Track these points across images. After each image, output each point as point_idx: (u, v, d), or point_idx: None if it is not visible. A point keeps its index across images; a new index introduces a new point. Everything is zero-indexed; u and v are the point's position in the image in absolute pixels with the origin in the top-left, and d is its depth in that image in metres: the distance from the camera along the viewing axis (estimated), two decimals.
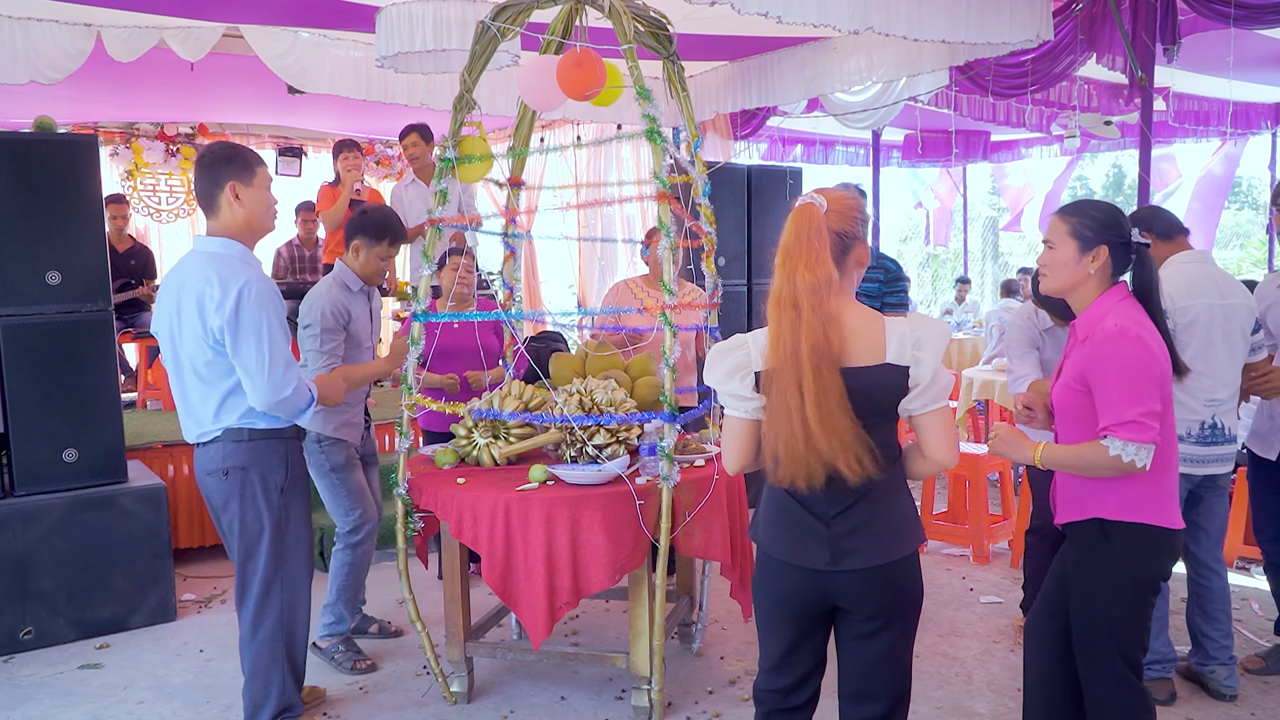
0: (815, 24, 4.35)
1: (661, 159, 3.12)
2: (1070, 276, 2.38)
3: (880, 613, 2.07)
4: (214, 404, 2.78)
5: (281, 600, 2.88)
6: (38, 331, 4.01)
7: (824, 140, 10.41)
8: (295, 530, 2.90)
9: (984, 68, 6.11)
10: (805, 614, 2.12)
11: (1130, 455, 2.19)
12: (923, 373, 1.99)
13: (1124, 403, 2.20)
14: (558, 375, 3.71)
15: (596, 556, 2.99)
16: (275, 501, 2.83)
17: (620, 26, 3.11)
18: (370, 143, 9.90)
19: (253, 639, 2.89)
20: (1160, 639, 3.37)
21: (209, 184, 2.79)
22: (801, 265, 1.94)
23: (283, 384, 2.71)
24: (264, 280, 2.77)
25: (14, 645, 3.97)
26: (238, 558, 2.86)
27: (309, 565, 2.99)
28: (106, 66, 5.43)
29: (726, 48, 6.68)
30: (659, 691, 3.19)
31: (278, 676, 2.90)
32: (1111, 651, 2.33)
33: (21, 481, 4.03)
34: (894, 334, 2.00)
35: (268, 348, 2.69)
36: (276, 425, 2.84)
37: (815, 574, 2.05)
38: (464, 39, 4.54)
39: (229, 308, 2.65)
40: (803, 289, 1.93)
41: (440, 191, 3.42)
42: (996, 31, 4.94)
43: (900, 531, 2.06)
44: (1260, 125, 9.08)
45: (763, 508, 2.17)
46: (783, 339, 1.94)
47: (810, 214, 1.98)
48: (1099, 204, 2.43)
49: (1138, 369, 2.21)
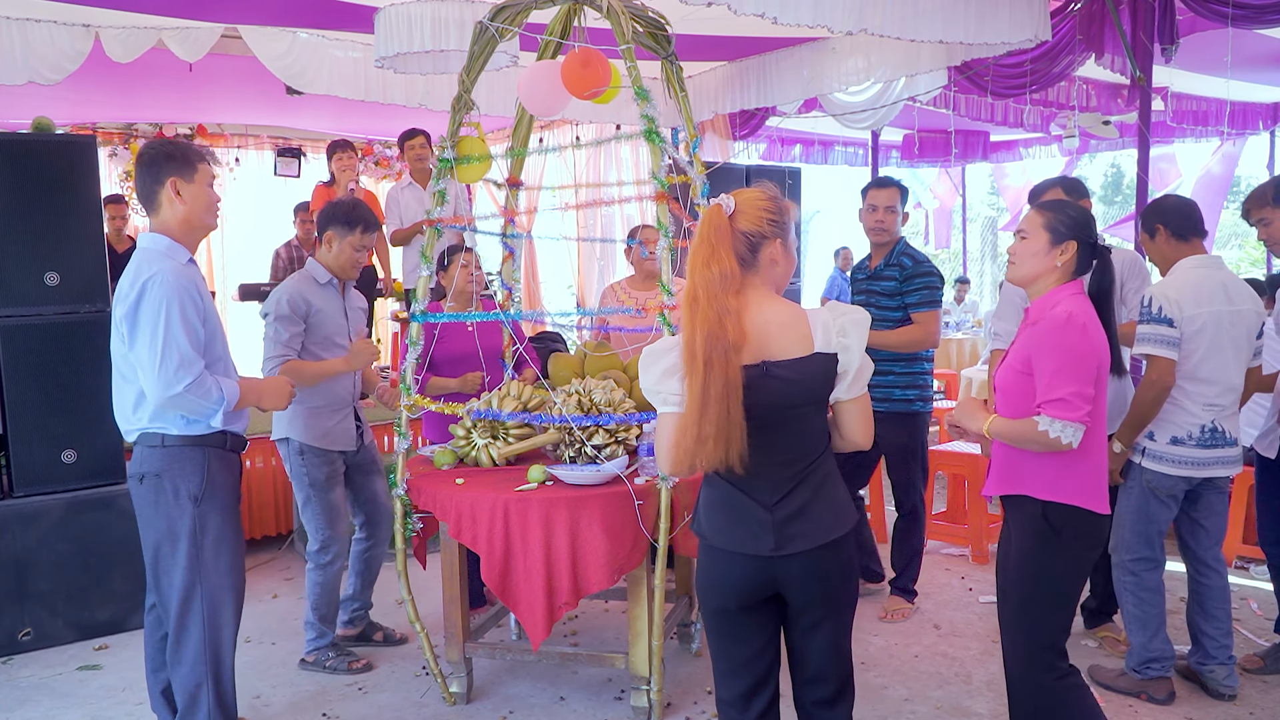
0: (810, 25, 4.34)
1: (660, 159, 3.13)
2: (1038, 266, 2.52)
3: (821, 598, 2.12)
4: (130, 401, 2.70)
5: (203, 619, 2.72)
6: (36, 332, 4.01)
7: (823, 140, 10.41)
8: (214, 543, 2.73)
9: (983, 68, 6.11)
10: (750, 603, 2.15)
11: (1057, 432, 2.32)
12: (850, 359, 2.07)
13: (1056, 382, 2.34)
14: (556, 376, 3.71)
15: (595, 557, 2.99)
16: (189, 511, 2.68)
17: (619, 27, 3.11)
18: (369, 143, 9.89)
19: (175, 661, 2.76)
20: (1159, 638, 3.36)
21: (150, 180, 2.72)
22: (699, 262, 2.01)
23: (174, 380, 2.56)
24: (178, 273, 2.64)
25: (13, 646, 3.97)
26: (148, 570, 2.75)
27: (234, 583, 2.80)
28: (105, 67, 5.43)
29: (725, 48, 6.68)
30: (658, 692, 3.19)
31: (206, 702, 2.74)
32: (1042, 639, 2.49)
33: (20, 482, 4.03)
34: (818, 323, 2.07)
35: (161, 340, 2.55)
36: (195, 431, 2.69)
37: (760, 560, 2.09)
38: (462, 40, 4.54)
39: (131, 298, 2.58)
40: (700, 284, 1.99)
41: (439, 192, 3.42)
42: (994, 32, 4.93)
43: (836, 513, 2.12)
44: (1258, 125, 9.09)
45: (703, 499, 2.20)
46: (687, 332, 1.99)
47: (713, 215, 2.05)
48: (1074, 205, 2.61)
49: (1074, 353, 2.36)
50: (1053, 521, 2.44)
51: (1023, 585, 2.51)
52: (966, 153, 10.54)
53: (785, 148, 10.13)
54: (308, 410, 3.57)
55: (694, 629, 3.86)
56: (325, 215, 3.64)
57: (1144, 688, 3.37)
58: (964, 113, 7.76)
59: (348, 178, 6.31)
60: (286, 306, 3.48)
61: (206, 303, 2.73)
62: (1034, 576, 2.48)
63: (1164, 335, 3.17)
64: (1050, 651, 2.49)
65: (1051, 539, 2.45)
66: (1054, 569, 2.47)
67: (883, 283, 4.07)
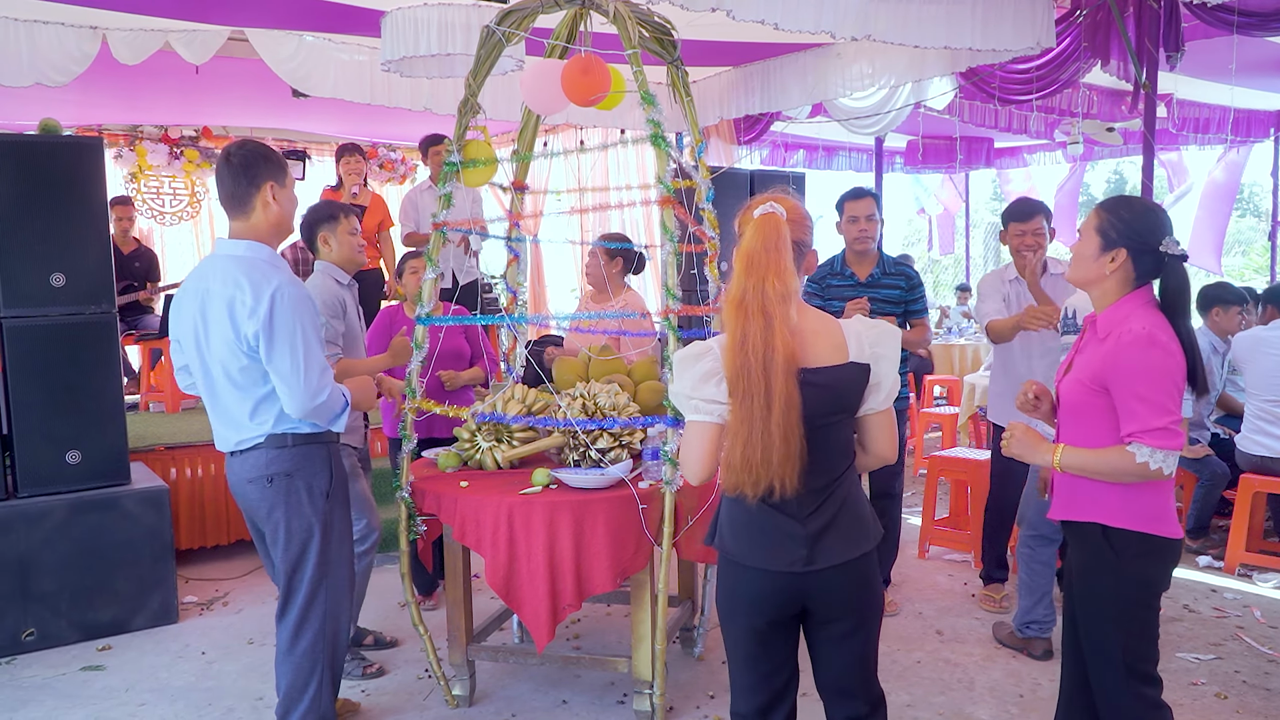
0: (812, 31, 4.35)
1: (665, 164, 3.13)
2: (1087, 271, 2.33)
3: (850, 611, 2.10)
4: (248, 409, 2.69)
5: (325, 609, 2.80)
6: (41, 333, 4.02)
7: (827, 146, 10.42)
8: (339, 537, 2.82)
9: (989, 74, 6.12)
10: (776, 619, 2.11)
11: (1159, 462, 2.16)
12: (884, 369, 2.06)
13: (1152, 410, 2.16)
14: (561, 379, 3.72)
15: (599, 560, 3.00)
16: (321, 507, 2.76)
17: (625, 32, 3.12)
18: (374, 147, 9.91)
19: (292, 649, 2.81)
20: (1042, 604, 3.77)
21: (245, 183, 2.68)
22: (771, 274, 1.96)
23: (318, 390, 2.63)
24: (295, 284, 2.68)
25: (16, 647, 3.97)
26: (283, 566, 2.77)
27: (352, 573, 2.92)
28: (111, 69, 5.45)
29: (730, 53, 6.69)
30: (660, 696, 3.19)
31: (315, 687, 2.81)
32: (1119, 663, 2.29)
33: (24, 483, 4.03)
34: (851, 333, 2.06)
35: (302, 354, 2.60)
36: (318, 430, 2.76)
37: (790, 576, 2.06)
38: (469, 44, 4.56)
39: (263, 313, 2.56)
40: (773, 298, 1.94)
41: (445, 195, 3.43)
42: (998, 38, 4.94)
43: (863, 526, 2.11)
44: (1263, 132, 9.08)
45: (726, 515, 2.14)
46: (751, 346, 1.94)
47: (777, 223, 2.01)
48: (1136, 204, 2.33)
49: (1163, 376, 2.17)
50: (1115, 546, 2.28)
51: (1087, 610, 2.35)
52: (970, 159, 10.54)
53: (789, 153, 10.14)
54: None
55: (696, 633, 3.86)
56: (306, 225, 3.66)
57: (1024, 645, 3.83)
58: (969, 119, 7.77)
59: (354, 181, 6.31)
60: (328, 306, 3.52)
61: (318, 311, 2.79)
62: (1097, 601, 2.32)
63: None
64: (1133, 678, 2.28)
65: (1113, 564, 2.28)
66: (1118, 592, 2.29)
67: (886, 290, 4.15)
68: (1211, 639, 3.96)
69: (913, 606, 4.42)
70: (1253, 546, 4.94)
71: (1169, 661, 3.74)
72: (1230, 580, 4.72)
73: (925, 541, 5.24)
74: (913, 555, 5.18)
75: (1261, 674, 3.63)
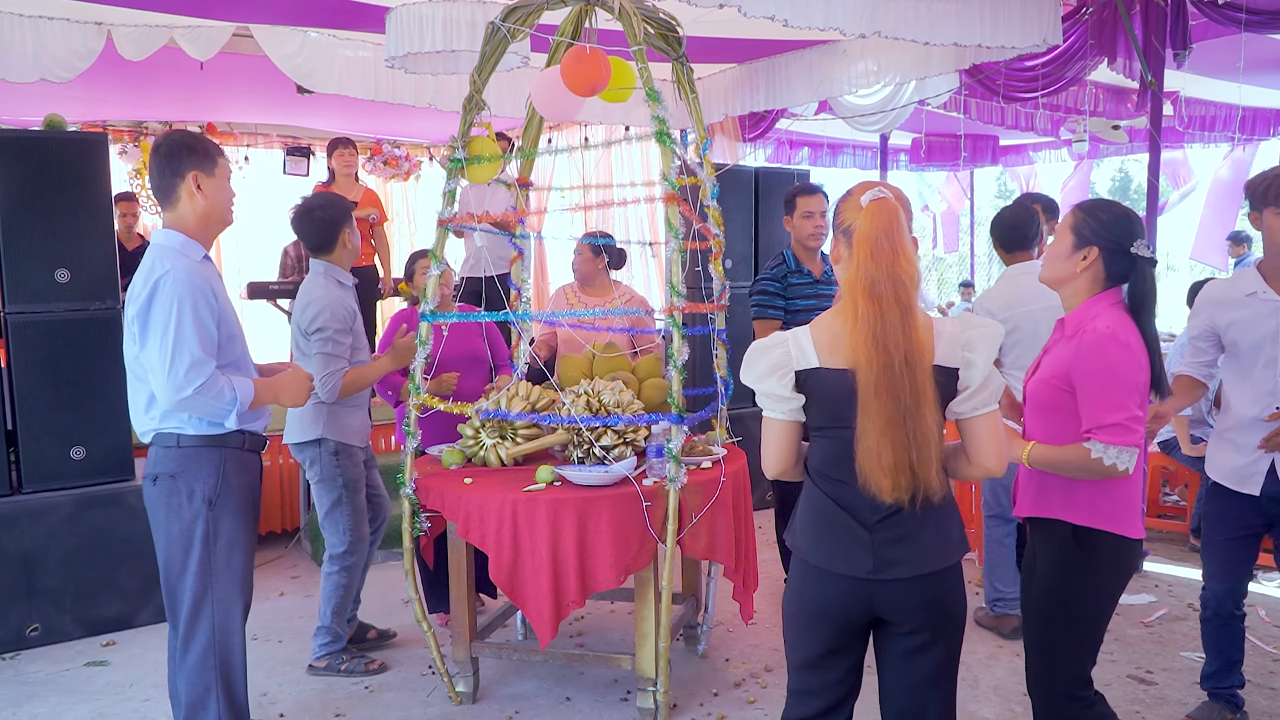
0: (822, 28, 4.34)
1: (670, 161, 3.12)
2: (1060, 269, 2.36)
3: (926, 626, 1.97)
4: (143, 402, 2.61)
5: (212, 624, 2.63)
6: (46, 329, 4.02)
7: (832, 143, 10.40)
8: (226, 547, 2.64)
9: (995, 71, 6.11)
10: (843, 626, 2.01)
11: (1113, 459, 2.16)
12: (974, 375, 1.93)
13: (1108, 407, 2.17)
14: (565, 376, 3.71)
15: (603, 557, 3.00)
16: (203, 514, 2.60)
17: (630, 28, 3.11)
18: (378, 143, 9.91)
19: (183, 661, 2.66)
20: (1003, 581, 3.98)
21: (169, 173, 2.60)
22: (901, 259, 1.85)
23: (184, 383, 2.46)
24: (191, 271, 2.54)
25: (20, 642, 3.98)
26: (162, 572, 2.66)
27: (244, 589, 2.71)
28: (116, 65, 5.44)
29: (735, 50, 6.68)
30: (664, 693, 3.19)
31: (214, 707, 2.65)
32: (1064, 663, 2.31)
33: (29, 479, 4.04)
34: (943, 334, 1.93)
35: (172, 340, 2.46)
36: (212, 432, 2.60)
37: (856, 582, 1.95)
38: (473, 40, 4.55)
39: (143, 298, 2.49)
40: (907, 285, 1.84)
41: (450, 192, 3.43)
42: (1005, 35, 4.93)
43: (945, 541, 1.97)
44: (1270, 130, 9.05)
45: (801, 512, 2.07)
46: (892, 339, 1.82)
47: (892, 208, 1.91)
48: (1113, 207, 2.36)
49: (1122, 373, 2.19)
50: (1084, 546, 2.27)
51: (1047, 610, 2.34)
52: (976, 156, 10.51)
53: (794, 150, 10.12)
54: (342, 408, 3.58)
55: (700, 631, 3.85)
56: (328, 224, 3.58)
57: (995, 624, 4.01)
58: (974, 116, 7.74)
59: (347, 175, 6.28)
60: (341, 319, 3.49)
61: (222, 301, 2.64)
62: (1059, 602, 2.31)
63: None
64: (1075, 680, 2.32)
65: (1081, 564, 2.28)
66: (1081, 595, 2.29)
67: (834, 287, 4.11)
68: None
69: None
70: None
71: (1172, 661, 3.74)
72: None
73: None
74: None
75: (1266, 673, 3.63)
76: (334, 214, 3.61)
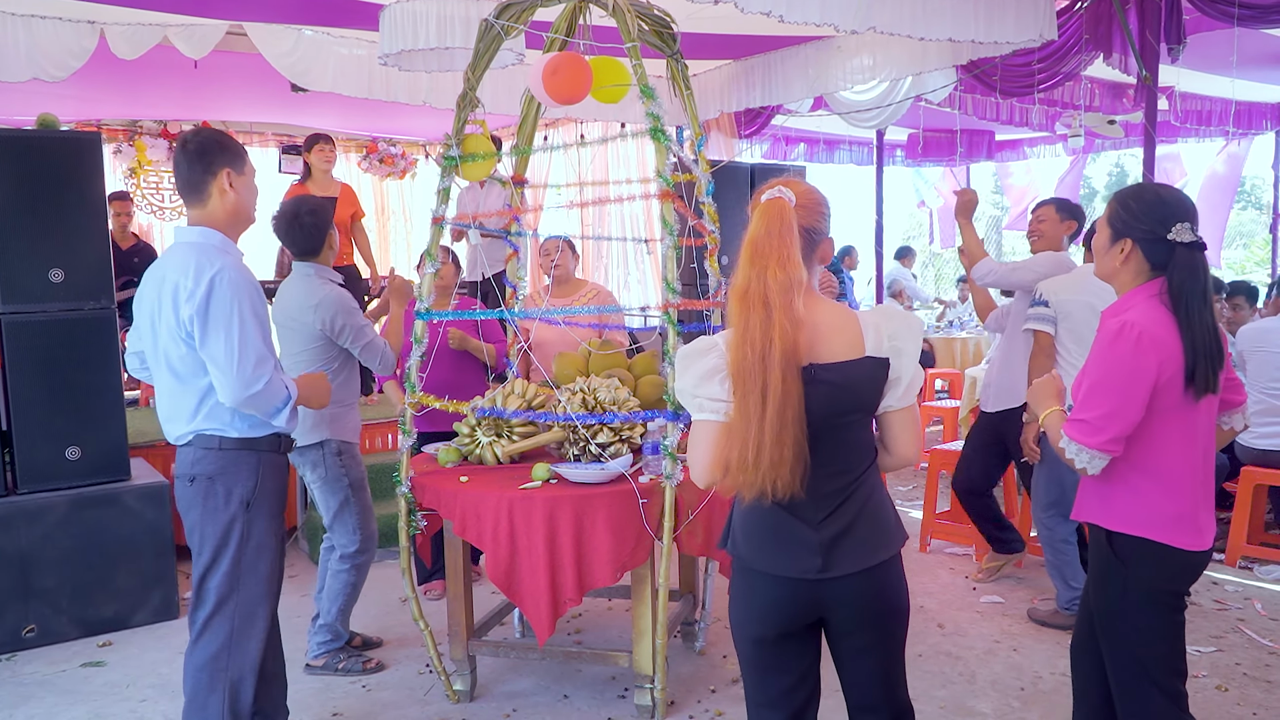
0: (817, 24, 4.33)
1: (665, 157, 3.12)
2: (1104, 264, 2.28)
3: (870, 622, 1.98)
4: (191, 403, 2.59)
5: (231, 626, 2.62)
6: (41, 329, 4.02)
7: (827, 139, 10.39)
8: (256, 550, 2.64)
9: (991, 67, 6.10)
10: (791, 629, 2.00)
11: (1072, 454, 2.13)
12: (904, 364, 1.94)
13: (1089, 400, 2.12)
14: (561, 374, 3.71)
15: (600, 554, 3.00)
16: (239, 515, 2.60)
17: (624, 25, 3.10)
18: (373, 141, 9.90)
19: (192, 656, 2.65)
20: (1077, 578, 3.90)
21: (200, 170, 2.59)
22: (773, 263, 1.83)
23: (253, 379, 2.49)
24: (240, 269, 2.58)
25: (17, 643, 3.97)
26: (194, 572, 2.65)
27: (269, 593, 2.70)
28: (110, 64, 5.43)
29: (730, 46, 6.67)
30: (662, 690, 3.19)
31: (215, 710, 2.62)
32: (1143, 681, 2.20)
33: (24, 479, 4.03)
34: (869, 326, 1.94)
35: (238, 339, 2.48)
36: (252, 434, 2.63)
37: (804, 584, 1.94)
38: (468, 37, 4.54)
39: (199, 296, 2.47)
40: (775, 288, 1.82)
41: (444, 190, 3.42)
42: (1000, 31, 4.93)
43: (885, 532, 1.98)
44: (1263, 125, 9.07)
45: (739, 518, 2.02)
46: (751, 339, 1.82)
47: (781, 209, 1.88)
48: (1144, 193, 2.25)
49: (1116, 369, 2.10)
50: (1119, 553, 2.19)
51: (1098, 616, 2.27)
52: (971, 152, 10.51)
53: (789, 146, 10.12)
54: (340, 407, 3.58)
55: (698, 628, 3.86)
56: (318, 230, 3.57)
57: (1069, 622, 3.87)
58: (970, 112, 7.74)
59: (325, 171, 6.21)
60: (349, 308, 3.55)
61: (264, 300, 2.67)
62: (1104, 609, 2.24)
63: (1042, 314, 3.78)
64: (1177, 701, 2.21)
65: (1118, 571, 2.19)
66: (1124, 603, 2.19)
67: None
68: (1212, 631, 3.96)
69: (914, 600, 4.36)
70: (1254, 539, 4.94)
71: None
72: (1231, 573, 4.72)
73: (926, 535, 5.24)
74: (914, 549, 5.17)
75: (1262, 666, 3.63)
76: (323, 219, 3.62)
